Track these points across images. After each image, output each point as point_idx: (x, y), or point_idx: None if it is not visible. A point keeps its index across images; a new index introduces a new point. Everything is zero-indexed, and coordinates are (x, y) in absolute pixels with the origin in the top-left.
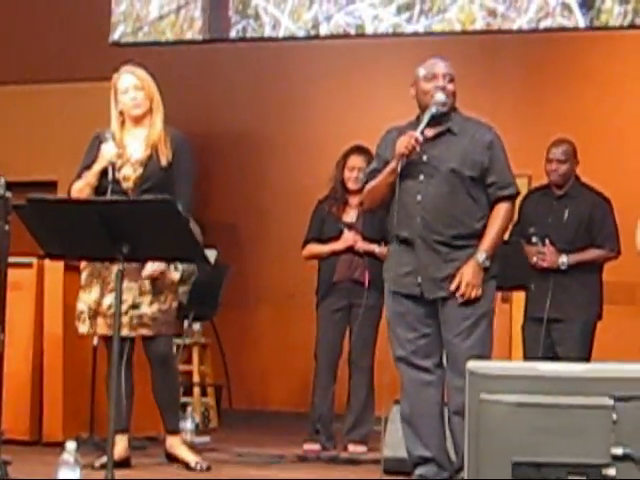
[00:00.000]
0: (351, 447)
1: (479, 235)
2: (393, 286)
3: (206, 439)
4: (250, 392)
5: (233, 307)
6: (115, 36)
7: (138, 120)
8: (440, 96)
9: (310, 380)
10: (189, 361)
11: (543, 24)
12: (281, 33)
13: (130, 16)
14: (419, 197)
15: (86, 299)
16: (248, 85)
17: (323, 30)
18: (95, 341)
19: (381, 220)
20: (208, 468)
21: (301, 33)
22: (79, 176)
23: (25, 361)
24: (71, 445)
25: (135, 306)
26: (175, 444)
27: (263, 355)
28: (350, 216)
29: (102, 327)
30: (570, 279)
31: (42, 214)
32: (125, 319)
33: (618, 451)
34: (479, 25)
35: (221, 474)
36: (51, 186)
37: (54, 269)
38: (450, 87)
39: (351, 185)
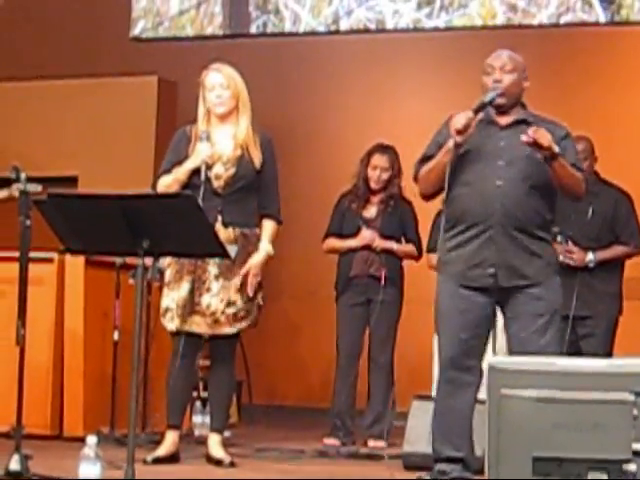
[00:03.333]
0: (371, 442)
1: (547, 227)
2: (458, 280)
3: (227, 434)
4: (270, 387)
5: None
6: (136, 31)
7: (224, 118)
8: (493, 87)
9: (330, 376)
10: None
11: (564, 19)
12: (301, 28)
13: (150, 11)
14: (499, 182)
15: (174, 296)
16: (268, 80)
17: (343, 25)
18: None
19: (400, 217)
20: (232, 464)
21: (321, 28)
22: (166, 171)
23: (46, 356)
24: (92, 440)
25: (230, 304)
26: (213, 443)
27: (284, 351)
28: (370, 212)
29: (201, 326)
30: (595, 276)
31: (62, 209)
32: (222, 317)
33: (639, 447)
34: (500, 20)
35: (240, 469)
36: (72, 181)
37: (75, 264)
38: (507, 78)
39: (373, 184)
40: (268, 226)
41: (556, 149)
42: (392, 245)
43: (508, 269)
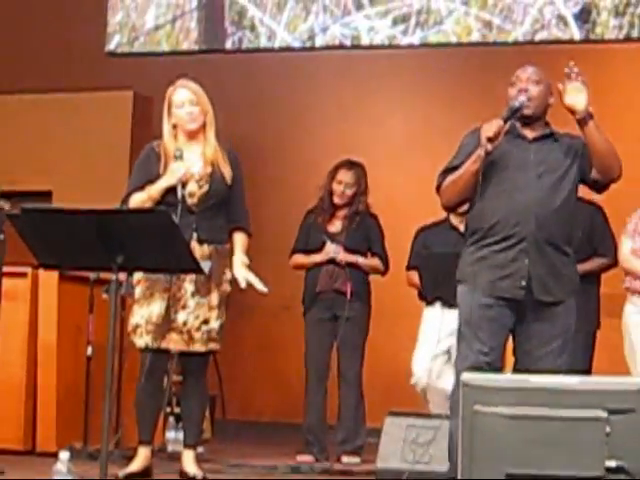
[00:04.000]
0: (345, 458)
1: (571, 241)
2: (486, 291)
3: (200, 450)
4: (244, 403)
5: (228, 317)
6: (111, 46)
7: (192, 135)
8: (520, 98)
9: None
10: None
11: (539, 36)
12: (277, 44)
13: (126, 26)
14: (534, 194)
15: (144, 313)
16: (243, 96)
17: (319, 41)
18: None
19: (366, 232)
20: (204, 479)
21: (297, 44)
22: (137, 189)
23: (19, 371)
24: (64, 455)
25: (206, 321)
26: (186, 458)
27: (257, 366)
28: (335, 227)
29: (178, 342)
30: None
31: (36, 224)
32: (197, 335)
33: (612, 464)
34: (475, 37)
35: None
36: (46, 196)
37: (49, 279)
38: (533, 89)
39: (336, 199)
40: (240, 238)
41: (587, 112)
42: (357, 259)
43: (539, 283)
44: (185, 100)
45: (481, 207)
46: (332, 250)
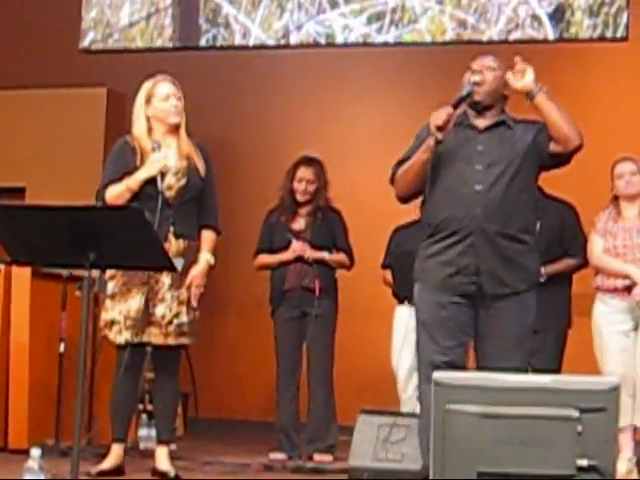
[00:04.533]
0: (317, 457)
1: (531, 232)
2: (438, 288)
3: (172, 447)
4: (217, 400)
5: (200, 315)
6: (85, 43)
7: (172, 129)
8: (473, 77)
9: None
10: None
11: (513, 36)
12: (251, 42)
13: (100, 23)
14: (479, 187)
15: (121, 308)
16: (218, 94)
17: (293, 39)
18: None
19: (330, 227)
20: (177, 477)
21: (271, 42)
22: (113, 181)
23: None
24: (36, 452)
25: (177, 315)
26: (159, 455)
27: (230, 363)
28: (299, 224)
29: (158, 337)
30: (544, 291)
31: (9, 220)
32: (170, 328)
33: (583, 463)
34: (449, 36)
35: None
36: (20, 192)
37: (21, 276)
38: (488, 74)
39: (299, 197)
40: (208, 236)
41: (534, 86)
42: (324, 255)
43: (491, 276)
44: (171, 93)
45: (431, 202)
46: (298, 248)
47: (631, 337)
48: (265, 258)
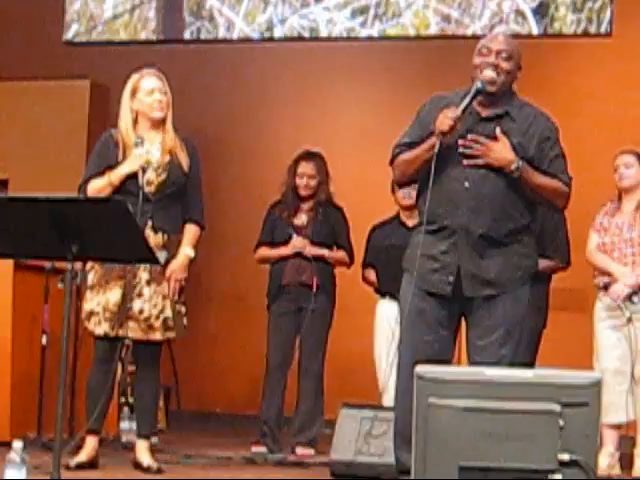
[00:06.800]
0: (299, 450)
1: (524, 231)
2: (418, 281)
3: (154, 440)
4: (199, 393)
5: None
6: (69, 35)
7: (156, 123)
8: (488, 73)
9: (259, 383)
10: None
11: (497, 30)
12: (235, 35)
13: (84, 15)
14: (467, 184)
15: (100, 300)
16: (201, 87)
17: (277, 33)
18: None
19: (331, 224)
20: (159, 470)
21: (255, 35)
22: (94, 175)
23: None
24: (18, 444)
25: (162, 310)
26: (140, 449)
27: (212, 356)
28: (300, 220)
29: (136, 331)
30: None
31: None
32: (157, 323)
33: (565, 457)
34: (433, 30)
35: (168, 475)
36: (2, 184)
37: (3, 268)
38: (504, 65)
39: (302, 192)
40: (191, 230)
41: (512, 166)
42: (323, 252)
43: (471, 278)
44: (155, 88)
45: (425, 192)
46: (298, 244)
47: (624, 331)
48: (265, 251)
